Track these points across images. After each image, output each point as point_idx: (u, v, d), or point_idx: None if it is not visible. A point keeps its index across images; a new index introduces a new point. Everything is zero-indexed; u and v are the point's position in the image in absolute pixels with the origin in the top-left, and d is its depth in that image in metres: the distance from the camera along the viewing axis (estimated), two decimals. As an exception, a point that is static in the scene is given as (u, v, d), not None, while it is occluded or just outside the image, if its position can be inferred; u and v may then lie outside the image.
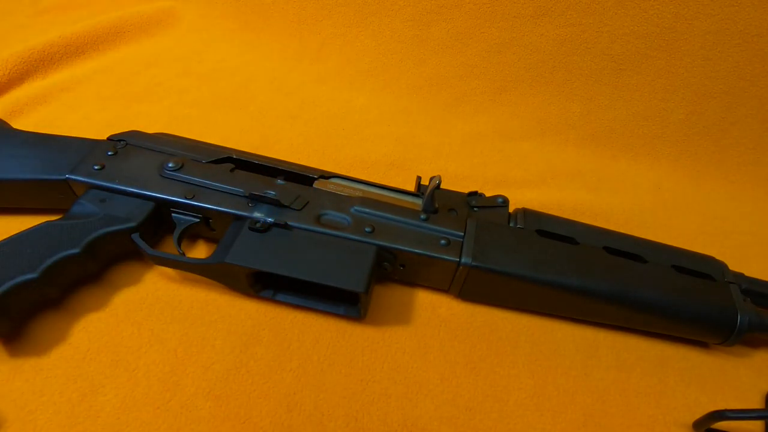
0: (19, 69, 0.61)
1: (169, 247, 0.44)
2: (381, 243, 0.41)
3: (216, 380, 0.37)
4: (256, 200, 0.42)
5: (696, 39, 0.56)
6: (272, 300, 0.41)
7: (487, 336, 0.42)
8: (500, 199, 0.46)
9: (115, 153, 0.45)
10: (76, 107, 0.60)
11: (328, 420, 0.35)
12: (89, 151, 0.44)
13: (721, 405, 0.37)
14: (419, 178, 0.47)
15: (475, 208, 0.46)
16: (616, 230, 0.46)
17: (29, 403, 0.34)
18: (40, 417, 0.33)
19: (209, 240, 0.46)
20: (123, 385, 0.36)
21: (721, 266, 0.44)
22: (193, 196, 0.42)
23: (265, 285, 0.41)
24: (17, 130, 0.47)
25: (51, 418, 0.33)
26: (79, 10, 0.75)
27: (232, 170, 0.45)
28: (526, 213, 0.45)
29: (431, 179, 0.42)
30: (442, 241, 0.41)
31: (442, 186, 0.44)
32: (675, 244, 0.46)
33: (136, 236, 0.40)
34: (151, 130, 0.49)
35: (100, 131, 0.48)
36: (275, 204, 0.42)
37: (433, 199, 0.43)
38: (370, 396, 0.37)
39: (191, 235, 0.46)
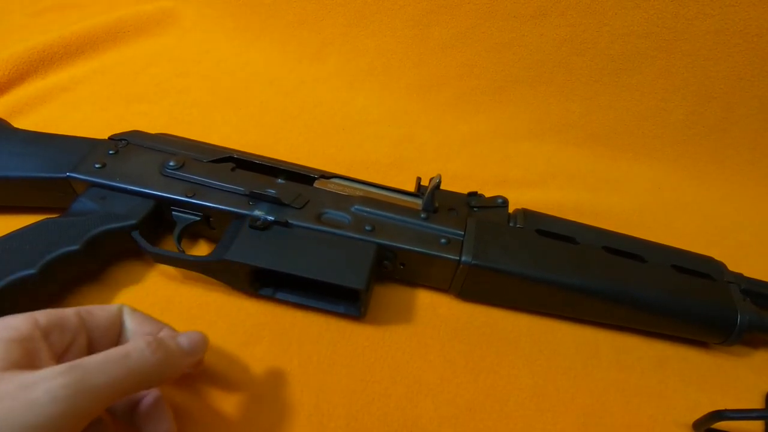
0: (19, 69, 0.61)
1: (170, 246, 0.44)
2: (381, 241, 0.41)
3: (216, 380, 0.37)
4: (257, 198, 0.42)
5: (696, 39, 0.56)
6: (272, 298, 0.41)
7: (487, 336, 0.42)
8: (500, 200, 0.46)
9: (116, 152, 0.45)
10: (76, 107, 0.60)
11: (328, 420, 0.35)
12: (90, 149, 0.44)
13: (721, 405, 0.37)
14: (419, 179, 0.47)
15: (474, 209, 0.46)
16: (616, 230, 0.46)
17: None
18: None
19: (209, 240, 0.46)
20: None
21: (720, 266, 0.45)
22: (194, 194, 0.42)
23: (265, 283, 0.41)
24: (18, 129, 0.47)
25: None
26: (79, 10, 0.75)
27: (232, 169, 0.45)
28: (525, 213, 0.45)
29: (431, 179, 0.42)
30: (443, 240, 0.41)
31: (442, 186, 0.44)
32: (675, 244, 0.46)
33: (136, 234, 0.40)
34: (151, 130, 0.49)
35: (100, 131, 0.48)
36: (276, 202, 0.42)
37: (434, 198, 0.43)
38: (370, 396, 0.37)
39: (191, 234, 0.46)
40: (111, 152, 0.44)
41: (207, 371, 0.37)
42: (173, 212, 0.43)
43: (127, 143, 0.46)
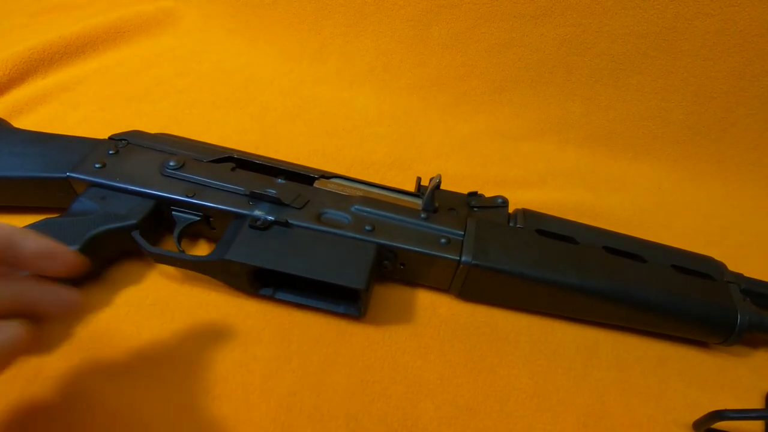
0: (19, 69, 0.61)
1: (170, 246, 0.44)
2: (381, 241, 0.41)
3: (216, 380, 0.37)
4: (257, 198, 0.42)
5: (696, 39, 0.56)
6: (272, 298, 0.41)
7: (487, 336, 0.42)
8: (500, 200, 0.46)
9: (116, 152, 0.45)
10: (76, 107, 0.60)
11: (328, 420, 0.35)
12: (90, 149, 0.44)
13: (721, 405, 0.37)
14: (419, 179, 0.47)
15: (475, 209, 0.46)
16: (616, 230, 0.46)
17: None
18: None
19: (209, 240, 0.46)
20: (124, 383, 0.36)
21: (720, 266, 0.45)
22: (194, 194, 0.42)
23: (265, 283, 0.41)
24: (18, 129, 0.47)
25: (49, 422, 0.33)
26: (79, 10, 0.75)
27: (233, 169, 0.45)
28: (525, 213, 0.45)
29: (431, 179, 0.42)
30: (443, 240, 0.41)
31: (442, 186, 0.44)
32: (675, 244, 0.46)
33: (136, 233, 0.40)
34: (151, 130, 0.49)
35: (100, 131, 0.48)
36: (276, 202, 0.42)
37: (434, 198, 0.43)
38: (370, 396, 0.37)
39: (191, 234, 0.46)
40: (111, 152, 0.44)
41: (206, 371, 0.37)
42: (173, 212, 0.43)
43: (127, 143, 0.46)
